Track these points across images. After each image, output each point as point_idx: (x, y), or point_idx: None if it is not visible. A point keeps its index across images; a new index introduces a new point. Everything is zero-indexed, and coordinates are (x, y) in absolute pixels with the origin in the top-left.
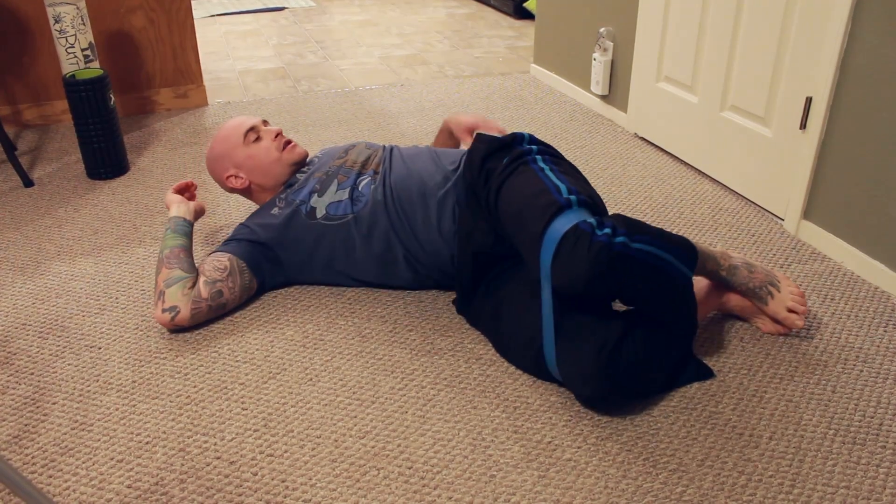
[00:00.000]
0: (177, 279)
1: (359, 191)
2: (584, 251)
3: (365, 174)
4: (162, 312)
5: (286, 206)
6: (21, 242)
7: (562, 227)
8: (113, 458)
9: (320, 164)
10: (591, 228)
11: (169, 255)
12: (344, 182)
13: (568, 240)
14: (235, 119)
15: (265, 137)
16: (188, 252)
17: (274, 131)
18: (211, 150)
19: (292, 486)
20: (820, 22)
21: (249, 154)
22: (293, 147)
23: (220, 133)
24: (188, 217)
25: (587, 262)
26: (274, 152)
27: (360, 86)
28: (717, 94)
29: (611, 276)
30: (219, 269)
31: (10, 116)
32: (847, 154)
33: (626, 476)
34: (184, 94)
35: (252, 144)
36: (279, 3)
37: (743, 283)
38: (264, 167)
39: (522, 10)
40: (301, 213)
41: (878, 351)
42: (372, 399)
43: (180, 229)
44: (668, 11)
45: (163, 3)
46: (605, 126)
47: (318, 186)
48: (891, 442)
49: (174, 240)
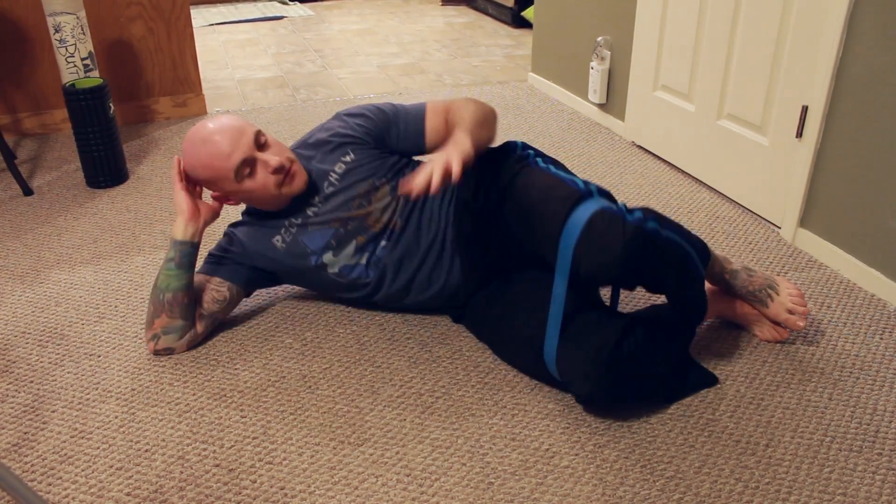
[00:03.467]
0: (177, 329)
1: (376, 256)
2: (618, 232)
3: (383, 236)
4: (154, 349)
5: (292, 242)
6: (21, 251)
7: (587, 211)
8: (112, 466)
9: (338, 202)
10: (621, 212)
11: (171, 301)
12: (362, 244)
13: (598, 222)
14: (221, 139)
15: (260, 171)
16: (191, 293)
17: (271, 164)
18: (191, 166)
19: (291, 494)
20: (815, 31)
21: (241, 189)
22: (293, 179)
23: (202, 152)
24: (196, 238)
25: (622, 244)
26: (272, 189)
27: (359, 94)
28: (714, 102)
29: (644, 260)
30: (218, 301)
31: (9, 125)
32: (843, 162)
33: (623, 483)
34: (183, 102)
35: (246, 180)
36: (278, 12)
37: (743, 286)
38: (260, 201)
39: (520, 19)
40: (310, 262)
41: (874, 358)
42: (370, 407)
43: (185, 261)
44: (664, 20)
45: (162, 13)
46: (603, 134)
47: (334, 242)
48: (887, 449)
49: (178, 279)
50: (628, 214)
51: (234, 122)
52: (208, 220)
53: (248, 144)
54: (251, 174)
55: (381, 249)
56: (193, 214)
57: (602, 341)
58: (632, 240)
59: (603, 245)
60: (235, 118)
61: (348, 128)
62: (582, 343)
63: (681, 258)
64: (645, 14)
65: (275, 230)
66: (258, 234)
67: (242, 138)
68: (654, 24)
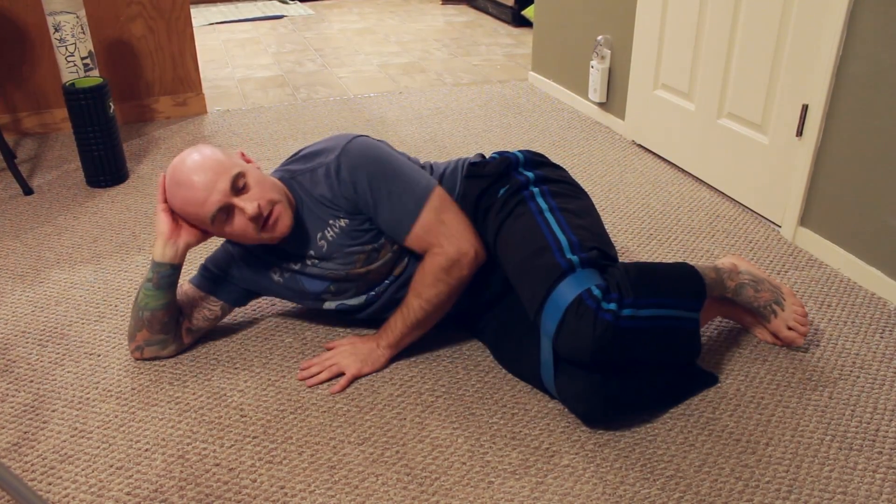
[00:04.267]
0: (159, 342)
1: (374, 294)
2: (588, 328)
3: (387, 278)
4: (140, 357)
5: (290, 279)
6: (21, 250)
7: (565, 296)
8: (112, 466)
9: (337, 263)
10: (595, 303)
11: (150, 319)
12: (363, 289)
13: (571, 314)
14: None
15: (238, 217)
16: (171, 311)
17: (247, 212)
18: (171, 202)
19: (291, 493)
20: (816, 30)
21: (221, 232)
22: (274, 225)
23: (178, 195)
24: (176, 261)
25: (591, 339)
26: (251, 234)
27: (359, 94)
28: (714, 101)
29: (618, 348)
30: (209, 319)
31: (9, 124)
32: (843, 161)
33: (623, 482)
34: (183, 102)
35: (224, 225)
36: (278, 11)
37: (748, 303)
38: (242, 241)
39: (520, 18)
40: (308, 298)
41: (874, 357)
42: (370, 406)
43: (164, 283)
44: (665, 19)
45: (162, 12)
46: (603, 133)
47: (333, 288)
48: (887, 448)
49: (156, 300)
50: (604, 302)
51: (211, 163)
52: (191, 242)
53: (223, 190)
54: (228, 220)
55: (382, 287)
56: (172, 235)
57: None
58: (600, 337)
59: (573, 338)
60: (215, 156)
61: (338, 196)
62: (579, 367)
63: (663, 332)
64: (645, 13)
65: (273, 265)
66: (257, 263)
67: (219, 183)
68: (654, 22)
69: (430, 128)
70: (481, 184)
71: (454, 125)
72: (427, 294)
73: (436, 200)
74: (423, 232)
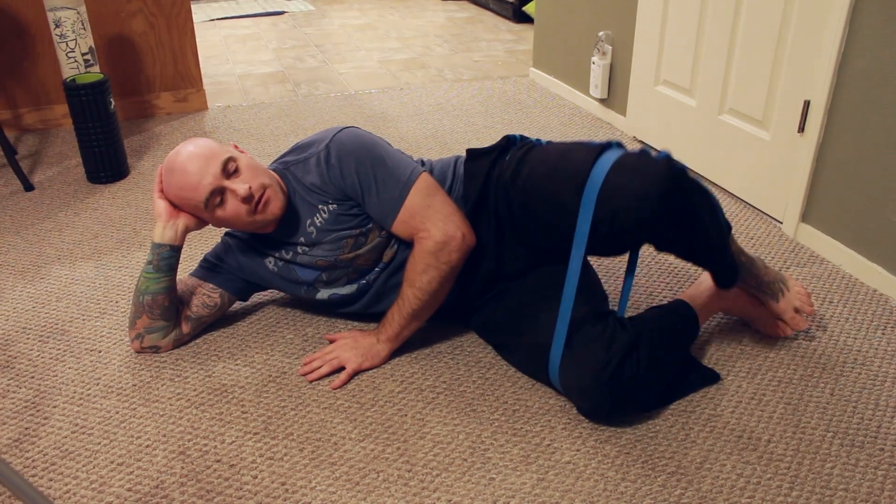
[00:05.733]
0: (159, 329)
1: (366, 282)
2: (652, 166)
3: (376, 265)
4: (139, 348)
5: (284, 268)
6: (21, 246)
7: (613, 155)
8: (113, 462)
9: (326, 249)
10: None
11: (151, 303)
12: (354, 278)
13: (627, 161)
14: (189, 169)
15: (230, 200)
16: (172, 296)
17: (239, 193)
18: (168, 192)
19: (292, 490)
20: (818, 25)
21: (215, 217)
22: (265, 206)
23: (172, 182)
24: (175, 242)
25: (657, 176)
26: (244, 217)
27: (360, 89)
28: (716, 97)
29: (681, 196)
30: (208, 307)
31: (10, 120)
32: (845, 157)
33: (625, 478)
34: (184, 98)
35: (217, 209)
36: (278, 7)
37: (759, 274)
38: (235, 226)
39: (521, 14)
40: (301, 289)
41: (876, 353)
42: (371, 402)
43: (163, 265)
44: (666, 15)
45: (163, 8)
46: (604, 129)
47: (325, 277)
48: (889, 444)
49: (157, 283)
50: None
51: (203, 150)
52: (190, 225)
53: (215, 174)
54: (221, 203)
55: (373, 275)
56: (171, 217)
57: (604, 362)
58: (668, 171)
59: (637, 179)
60: (208, 144)
61: (327, 182)
62: (585, 360)
63: (711, 205)
64: (646, 8)
65: (267, 254)
66: (253, 252)
67: (210, 167)
68: (655, 18)
69: (430, 124)
70: (486, 160)
71: (455, 121)
72: (419, 282)
73: (422, 185)
74: (408, 217)
